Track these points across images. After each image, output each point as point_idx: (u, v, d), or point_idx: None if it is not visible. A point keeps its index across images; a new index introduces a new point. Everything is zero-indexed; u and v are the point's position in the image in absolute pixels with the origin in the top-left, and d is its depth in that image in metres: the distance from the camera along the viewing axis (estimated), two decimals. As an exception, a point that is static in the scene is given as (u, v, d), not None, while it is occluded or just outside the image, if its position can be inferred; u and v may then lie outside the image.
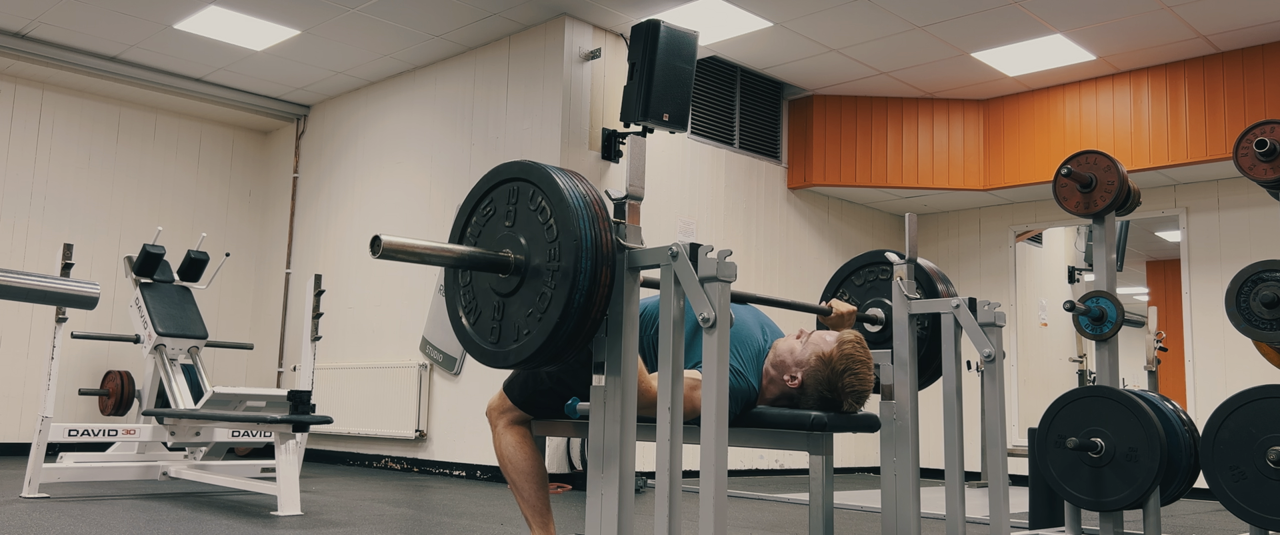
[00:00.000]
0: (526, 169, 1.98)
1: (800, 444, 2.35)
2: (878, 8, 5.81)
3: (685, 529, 2.20)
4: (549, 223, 1.90)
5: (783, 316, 2.99)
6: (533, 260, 1.92)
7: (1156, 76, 6.61)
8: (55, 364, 4.52)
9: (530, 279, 1.92)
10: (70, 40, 6.72)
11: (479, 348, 2.02)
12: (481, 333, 2.03)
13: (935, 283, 2.78)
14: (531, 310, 1.90)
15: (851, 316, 2.74)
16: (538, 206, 1.94)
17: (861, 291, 2.92)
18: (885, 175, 7.40)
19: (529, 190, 1.97)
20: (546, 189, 1.92)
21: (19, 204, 7.16)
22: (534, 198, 1.95)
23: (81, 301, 1.68)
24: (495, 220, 2.03)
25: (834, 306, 2.74)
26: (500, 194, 2.04)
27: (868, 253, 2.96)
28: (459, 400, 6.29)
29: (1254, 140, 3.37)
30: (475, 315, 2.05)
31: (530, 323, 1.90)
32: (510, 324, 1.95)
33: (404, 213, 6.93)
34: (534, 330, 1.89)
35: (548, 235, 1.90)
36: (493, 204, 2.05)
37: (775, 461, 7.29)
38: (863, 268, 2.95)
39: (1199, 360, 6.83)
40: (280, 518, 3.98)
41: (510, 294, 1.96)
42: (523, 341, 1.91)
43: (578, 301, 1.83)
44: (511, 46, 6.37)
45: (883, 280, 2.87)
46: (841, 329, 2.70)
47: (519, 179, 2.00)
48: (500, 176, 2.05)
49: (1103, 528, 3.60)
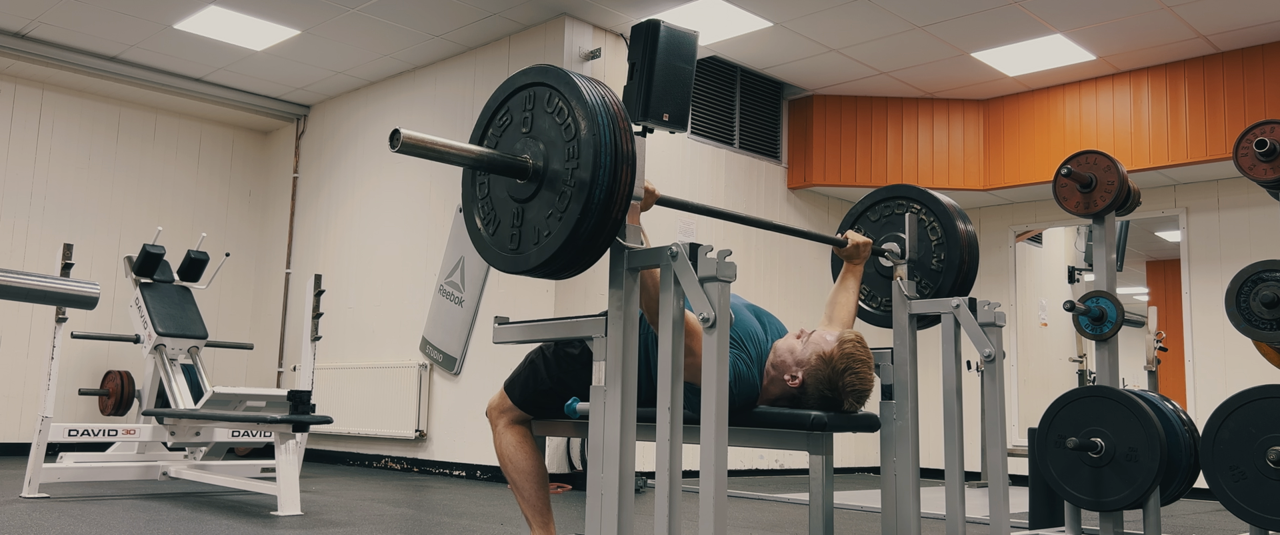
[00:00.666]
0: (544, 71, 1.97)
1: (800, 444, 2.35)
2: (878, 8, 5.81)
3: (685, 529, 2.20)
4: (567, 123, 1.88)
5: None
6: (551, 165, 1.90)
7: (1156, 76, 6.61)
8: (55, 364, 4.52)
9: (548, 184, 1.90)
10: (70, 40, 6.72)
11: (498, 255, 2.00)
12: (500, 241, 2.00)
13: (955, 220, 2.78)
14: (551, 212, 1.88)
15: (867, 247, 2.75)
16: (555, 108, 1.91)
17: (877, 226, 2.92)
18: (885, 175, 7.40)
19: (546, 93, 1.95)
20: (565, 89, 1.91)
21: (19, 204, 7.16)
22: (551, 100, 1.93)
23: (81, 301, 1.68)
24: (512, 129, 2.01)
25: (849, 237, 2.75)
26: (517, 101, 2.01)
27: (883, 188, 2.96)
28: (459, 400, 6.29)
29: (1254, 140, 3.37)
30: (494, 225, 2.02)
31: (550, 224, 1.87)
32: (530, 228, 1.93)
33: (404, 213, 6.93)
34: (554, 231, 1.86)
35: (566, 135, 1.88)
36: (509, 112, 2.03)
37: (775, 461, 7.29)
38: (878, 203, 2.94)
39: (1199, 360, 6.83)
40: (280, 518, 3.98)
41: (528, 200, 1.94)
42: (543, 243, 1.88)
43: (598, 198, 1.81)
44: (511, 46, 6.37)
45: (898, 215, 2.88)
46: (858, 260, 2.73)
47: (536, 83, 1.97)
48: (517, 83, 2.03)
49: (1103, 528, 3.60)
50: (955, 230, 2.77)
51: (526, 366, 2.55)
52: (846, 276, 2.77)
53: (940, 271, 2.79)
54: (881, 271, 2.92)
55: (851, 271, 2.77)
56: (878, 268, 2.93)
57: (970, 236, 2.81)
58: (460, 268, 6.39)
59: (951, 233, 2.78)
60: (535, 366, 2.52)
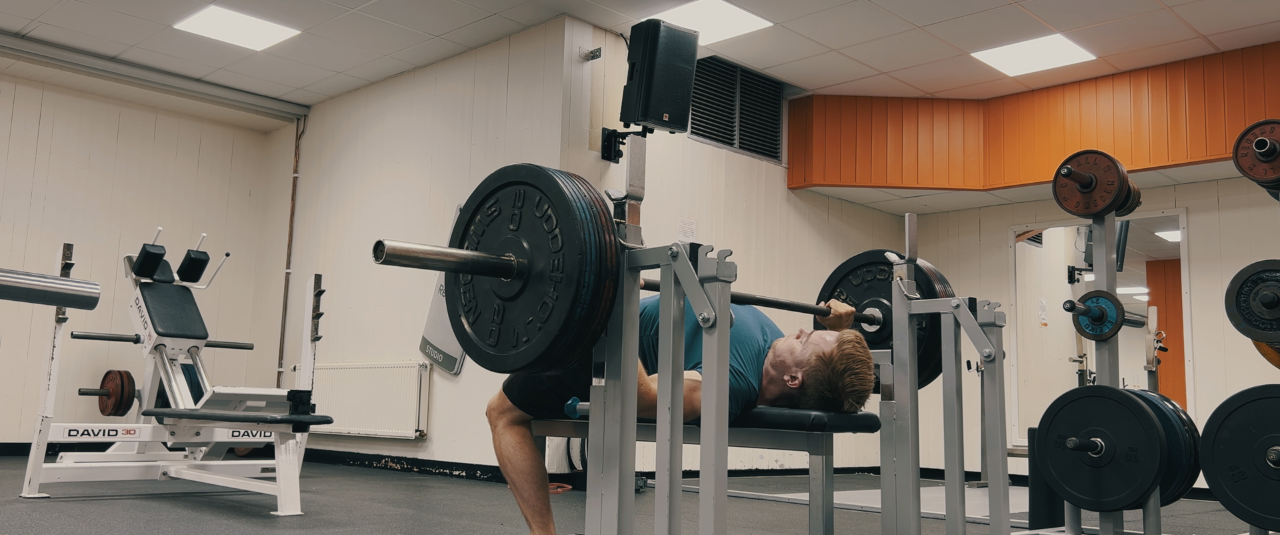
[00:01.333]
0: (534, 174, 1.97)
1: (800, 444, 2.35)
2: (878, 8, 5.81)
3: (685, 529, 2.20)
4: (554, 232, 1.88)
5: (781, 317, 2.99)
6: (536, 265, 1.91)
7: (1156, 76, 6.61)
8: (55, 364, 4.52)
9: (533, 284, 1.91)
10: (70, 40, 6.72)
11: (479, 350, 2.02)
12: (481, 334, 2.02)
13: (933, 283, 2.78)
14: (532, 318, 1.89)
15: (850, 317, 2.74)
16: (543, 214, 1.92)
17: (859, 291, 2.93)
18: (885, 175, 7.40)
19: (535, 196, 1.95)
20: (553, 197, 1.91)
21: (19, 204, 7.16)
22: (540, 204, 1.93)
23: (81, 301, 1.68)
24: (499, 222, 2.02)
25: (832, 307, 2.74)
26: (506, 196, 2.02)
27: (865, 252, 2.96)
28: (459, 400, 6.29)
29: (1254, 140, 3.37)
30: (475, 316, 2.04)
31: (531, 330, 1.89)
32: (510, 329, 1.95)
33: (404, 213, 6.93)
34: (534, 338, 1.88)
35: (552, 244, 1.88)
36: (498, 205, 2.03)
37: (775, 461, 7.29)
38: (860, 268, 2.95)
39: (1199, 360, 6.82)
40: (280, 518, 3.98)
41: (512, 298, 1.95)
42: (523, 349, 1.90)
43: (579, 314, 1.82)
44: (511, 46, 6.37)
45: (880, 280, 2.88)
46: (840, 329, 2.71)
47: (525, 183, 1.98)
48: (506, 179, 2.03)
49: (1103, 528, 3.60)
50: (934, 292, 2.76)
51: (526, 367, 2.55)
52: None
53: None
54: (867, 336, 2.88)
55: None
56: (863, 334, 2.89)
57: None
58: (460, 268, 6.39)
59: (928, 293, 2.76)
60: (535, 367, 2.52)
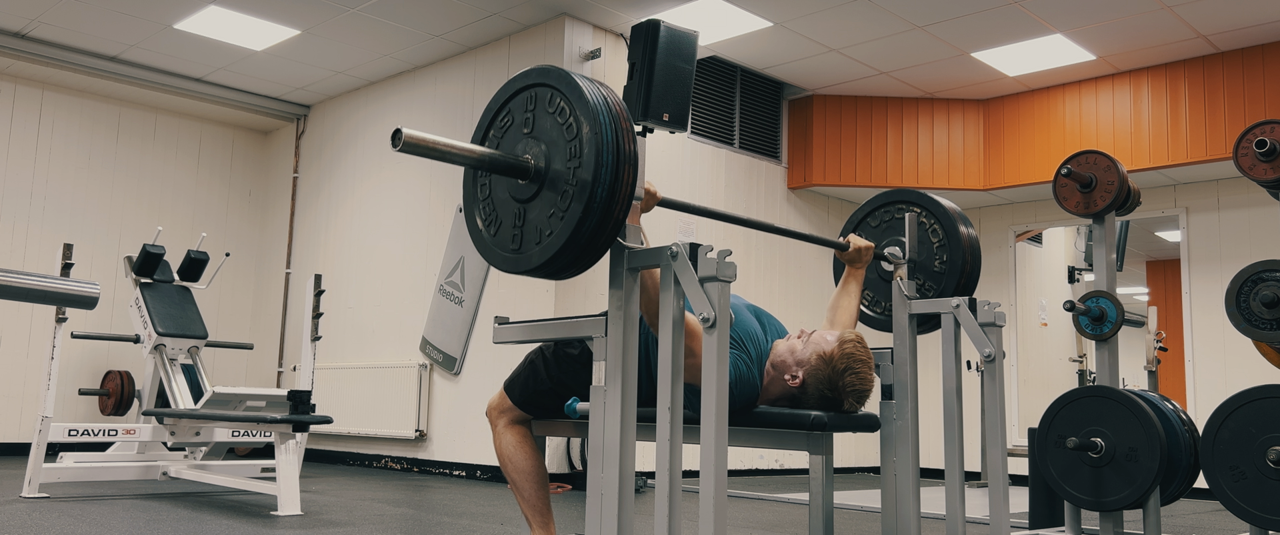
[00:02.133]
0: (545, 72, 1.97)
1: (800, 444, 2.35)
2: (878, 8, 5.81)
3: (685, 529, 2.20)
4: (569, 122, 1.88)
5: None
6: (553, 165, 1.90)
7: (1156, 76, 6.61)
8: (55, 364, 4.52)
9: (550, 184, 1.90)
10: (70, 40, 6.72)
11: (499, 255, 2.00)
12: (502, 241, 2.00)
13: (957, 223, 2.78)
14: (553, 211, 1.88)
15: (869, 251, 2.76)
16: (557, 108, 1.91)
17: (878, 231, 2.93)
18: (885, 175, 7.40)
19: (547, 94, 1.95)
20: (566, 89, 1.91)
21: (19, 204, 7.16)
22: (552, 100, 1.93)
23: (81, 301, 1.68)
24: (513, 130, 2.01)
25: (851, 241, 2.75)
26: (518, 102, 2.01)
27: (886, 191, 2.97)
28: (459, 400, 6.29)
29: (1254, 140, 3.37)
30: (496, 225, 2.02)
31: (552, 223, 1.88)
32: (532, 228, 1.93)
33: (404, 213, 6.93)
34: (556, 230, 1.86)
35: (567, 135, 1.88)
36: (510, 114, 2.03)
37: (775, 461, 7.29)
38: (879, 208, 2.96)
39: (1199, 360, 6.82)
40: (280, 518, 3.98)
41: (530, 200, 1.94)
42: (545, 243, 1.88)
43: (600, 196, 1.80)
44: (511, 46, 6.37)
45: (898, 220, 2.89)
46: (859, 264, 2.74)
47: (538, 84, 1.97)
48: (518, 84, 2.03)
49: (1103, 528, 3.60)
50: (957, 233, 2.78)
51: (526, 367, 2.55)
52: (848, 280, 2.77)
53: (943, 273, 2.79)
54: (883, 276, 2.93)
55: (853, 275, 2.77)
56: (880, 272, 2.93)
57: (972, 239, 2.81)
58: (460, 268, 6.39)
59: (953, 235, 2.78)
60: (535, 367, 2.52)
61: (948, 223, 2.80)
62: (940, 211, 2.82)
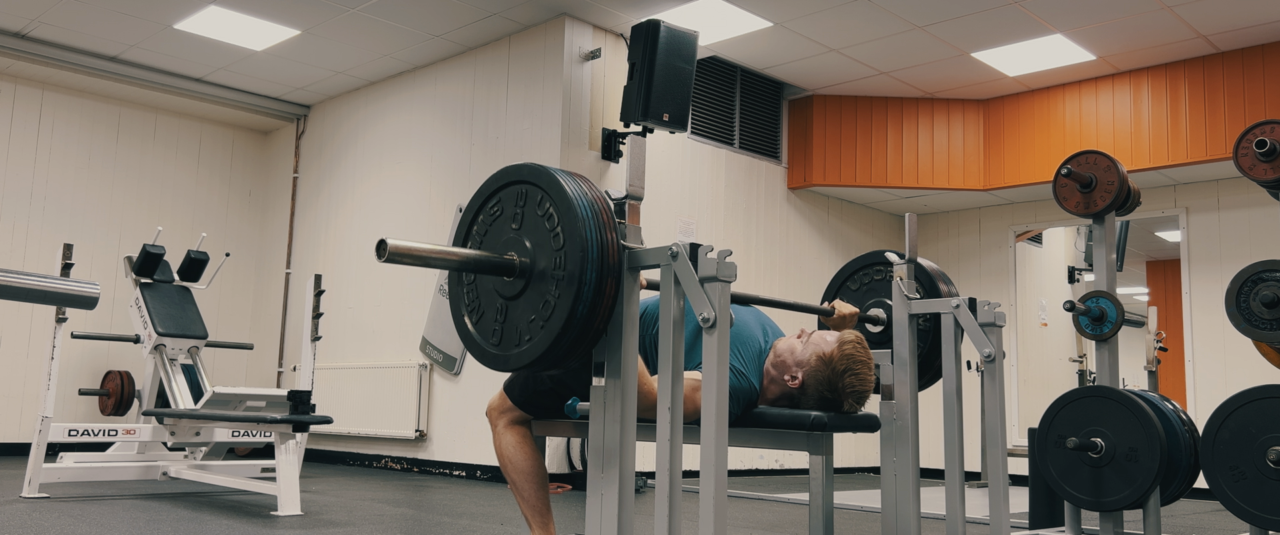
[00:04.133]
0: (536, 173, 1.97)
1: (800, 444, 2.35)
2: (878, 8, 5.81)
3: (685, 529, 2.20)
4: (556, 231, 1.88)
5: (784, 317, 2.99)
6: (538, 264, 1.91)
7: (1156, 76, 6.61)
8: (55, 364, 4.52)
9: (535, 283, 1.91)
10: (70, 40, 6.72)
11: (481, 349, 2.02)
12: (484, 334, 2.02)
13: (936, 282, 2.78)
14: (535, 317, 1.89)
15: (854, 318, 2.75)
16: (545, 212, 1.92)
17: (859, 294, 2.93)
18: (885, 175, 7.40)
19: (537, 195, 1.95)
20: (554, 196, 1.91)
21: (19, 204, 7.16)
22: (541, 203, 1.93)
23: (81, 301, 1.68)
24: (502, 221, 2.02)
25: (836, 307, 2.74)
26: (508, 195, 2.02)
27: (866, 254, 2.96)
28: (459, 400, 6.29)
29: (1254, 140, 3.37)
30: (478, 315, 2.04)
31: (533, 329, 1.89)
32: (513, 328, 1.95)
33: (404, 213, 6.93)
34: (537, 337, 1.88)
35: (554, 242, 1.88)
36: (500, 205, 2.04)
37: (775, 461, 7.29)
38: (860, 270, 2.95)
39: (1199, 360, 6.82)
40: (280, 518, 3.98)
41: (514, 297, 1.95)
42: (525, 347, 1.90)
43: (581, 312, 1.82)
44: (511, 46, 6.37)
45: (881, 281, 2.88)
46: (843, 330, 2.71)
47: (527, 182, 1.98)
48: (508, 178, 2.03)
49: (1103, 528, 3.60)
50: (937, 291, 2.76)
51: (527, 367, 2.55)
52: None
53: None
54: (869, 337, 2.88)
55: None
56: (866, 334, 2.89)
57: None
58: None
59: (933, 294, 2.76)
60: (535, 367, 2.52)
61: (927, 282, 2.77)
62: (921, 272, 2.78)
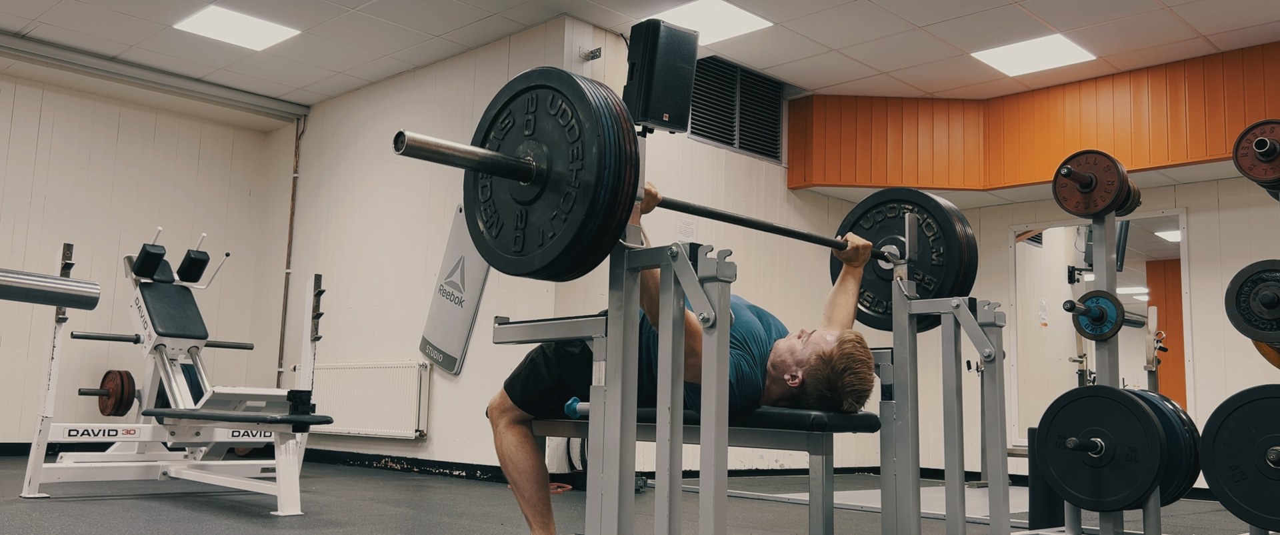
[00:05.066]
0: (546, 74, 1.96)
1: (800, 444, 2.35)
2: (878, 8, 5.81)
3: (685, 529, 2.20)
4: (571, 124, 1.87)
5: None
6: (555, 167, 1.90)
7: (1156, 76, 6.61)
8: (55, 364, 4.52)
9: (552, 186, 1.90)
10: (70, 40, 6.72)
11: (501, 257, 1.99)
12: (504, 243, 2.00)
13: (953, 220, 2.79)
14: (556, 213, 1.87)
15: (867, 250, 2.76)
16: (558, 110, 1.91)
17: (872, 232, 2.94)
18: (885, 175, 7.40)
19: (548, 96, 1.94)
20: (568, 91, 1.90)
21: (19, 204, 7.16)
22: (553, 102, 1.92)
23: (81, 301, 1.68)
24: (514, 132, 2.01)
25: (849, 240, 2.76)
26: (519, 104, 2.01)
27: (878, 192, 2.97)
28: (459, 400, 6.29)
29: (1254, 140, 3.37)
30: (497, 227, 2.02)
31: (555, 225, 1.87)
32: (534, 230, 1.93)
33: (404, 213, 6.93)
34: (559, 232, 1.86)
35: (569, 137, 1.87)
36: (511, 115, 2.02)
37: (775, 461, 7.29)
38: (873, 209, 2.96)
39: (1199, 360, 6.82)
40: (280, 518, 3.98)
41: (532, 201, 1.94)
42: (548, 245, 1.88)
43: (604, 198, 1.81)
44: (511, 46, 6.37)
45: (893, 218, 2.90)
46: (857, 263, 2.74)
47: (539, 86, 1.97)
48: (519, 86, 2.02)
49: (1103, 528, 3.60)
50: (953, 230, 2.78)
51: (527, 366, 2.55)
52: (845, 278, 2.77)
53: (941, 267, 2.80)
54: (881, 275, 2.92)
55: (851, 273, 2.77)
56: (877, 271, 2.93)
57: (969, 237, 2.82)
58: (460, 268, 6.39)
59: (949, 232, 2.78)
60: (536, 366, 2.52)
61: (944, 221, 2.80)
62: (935, 208, 2.83)
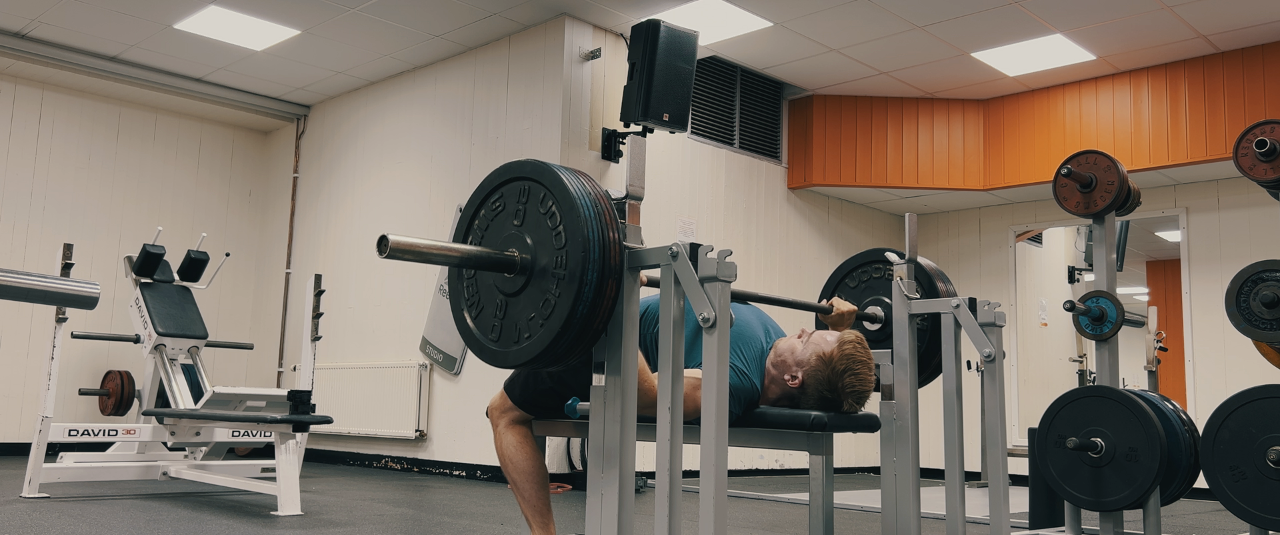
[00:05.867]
0: (538, 170, 1.96)
1: (800, 444, 2.35)
2: (878, 8, 5.81)
3: (685, 529, 2.20)
4: (558, 228, 1.88)
5: (783, 315, 3.00)
6: (539, 261, 1.90)
7: (1156, 76, 6.61)
8: (55, 364, 4.52)
9: (536, 280, 1.90)
10: (70, 40, 6.72)
11: (481, 345, 2.01)
12: (484, 329, 2.01)
13: (935, 282, 2.78)
14: (535, 314, 1.89)
15: (851, 315, 2.74)
16: (547, 210, 1.91)
17: (857, 292, 2.93)
18: (885, 175, 7.40)
19: (539, 192, 1.94)
20: (557, 193, 1.90)
21: (19, 204, 7.16)
22: (544, 200, 1.93)
23: (81, 301, 1.68)
24: (503, 217, 2.01)
25: (835, 305, 2.74)
26: (510, 191, 2.01)
27: (864, 252, 2.96)
28: (459, 400, 6.29)
29: (1254, 140, 3.37)
30: (478, 311, 2.03)
31: (533, 327, 1.89)
32: (512, 324, 1.94)
33: (404, 212, 6.93)
34: (536, 335, 1.87)
35: (556, 240, 1.88)
36: (502, 200, 2.03)
37: (775, 461, 7.29)
38: (858, 268, 2.95)
39: (1199, 360, 6.82)
40: (280, 518, 3.98)
41: (515, 294, 1.94)
42: (525, 344, 1.90)
43: (581, 312, 1.82)
44: (511, 46, 6.37)
45: (878, 279, 2.88)
46: (842, 328, 2.71)
47: (530, 179, 1.97)
48: (510, 174, 2.02)
49: (1103, 528, 3.60)
50: (936, 290, 2.76)
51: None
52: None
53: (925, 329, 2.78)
54: (867, 334, 2.88)
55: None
56: (863, 331, 2.89)
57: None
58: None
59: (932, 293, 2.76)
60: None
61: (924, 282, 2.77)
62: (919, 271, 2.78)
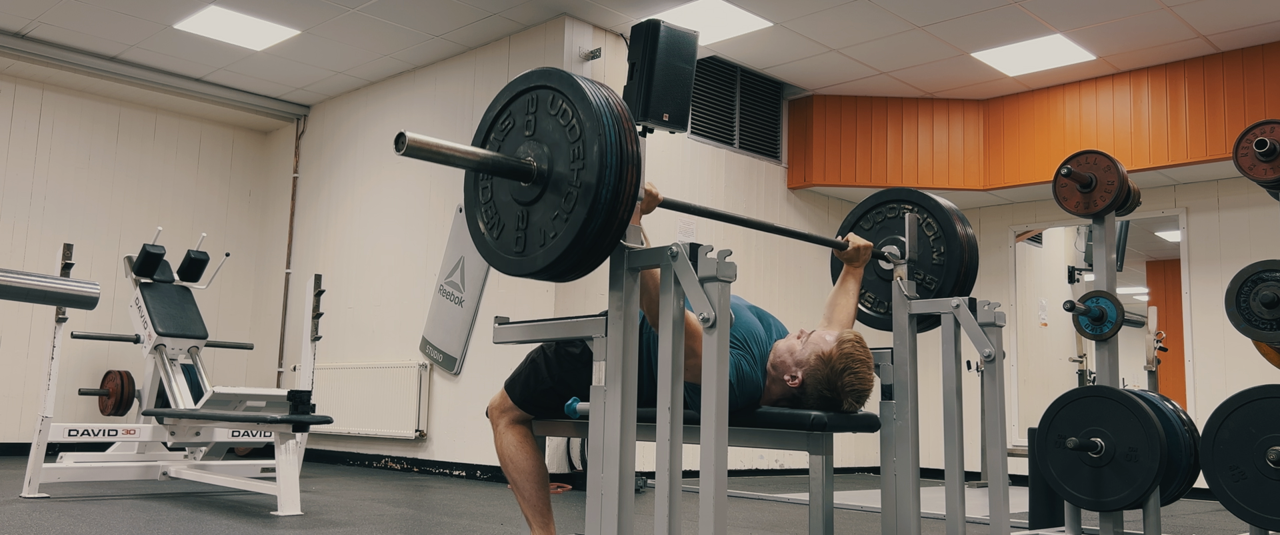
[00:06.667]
0: (547, 74, 1.96)
1: (800, 444, 2.35)
2: (878, 8, 5.81)
3: (685, 529, 2.20)
4: (572, 124, 1.87)
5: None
6: (556, 168, 1.89)
7: (1156, 76, 6.61)
8: (55, 364, 4.52)
9: (553, 186, 1.90)
10: (70, 40, 6.72)
11: (502, 258, 1.99)
12: (505, 244, 2.00)
13: (954, 220, 2.79)
14: (557, 214, 1.87)
15: (868, 250, 2.76)
16: (559, 110, 1.91)
17: (872, 233, 2.94)
18: (885, 175, 7.40)
19: (549, 96, 1.94)
20: (568, 91, 1.90)
21: (19, 204, 7.16)
22: (554, 102, 1.92)
23: (81, 301, 1.68)
24: (515, 132, 2.01)
25: (850, 240, 2.76)
26: (519, 105, 2.01)
27: (878, 192, 2.97)
28: (459, 400, 6.29)
29: (1254, 140, 3.37)
30: (498, 228, 2.02)
31: (556, 225, 1.87)
32: (535, 231, 1.93)
33: (404, 213, 6.93)
34: (560, 233, 1.85)
35: (570, 137, 1.87)
36: (511, 116, 2.02)
37: (775, 461, 7.29)
38: (873, 209, 2.96)
39: (1199, 360, 6.82)
40: (280, 518, 3.98)
41: (533, 202, 1.93)
42: (549, 246, 1.88)
43: (605, 198, 1.80)
44: (511, 46, 6.37)
45: (893, 219, 2.89)
46: (859, 263, 2.74)
47: (539, 86, 1.97)
48: (520, 86, 2.02)
49: (1103, 528, 3.60)
50: (954, 229, 2.78)
51: (527, 366, 2.55)
52: (846, 279, 2.77)
53: (942, 266, 2.80)
54: (882, 275, 2.92)
55: (851, 274, 2.77)
56: (878, 271, 2.93)
57: (970, 237, 2.82)
58: (460, 268, 6.39)
59: (950, 232, 2.78)
60: (536, 366, 2.52)
61: (943, 219, 2.80)
62: (936, 208, 2.83)
